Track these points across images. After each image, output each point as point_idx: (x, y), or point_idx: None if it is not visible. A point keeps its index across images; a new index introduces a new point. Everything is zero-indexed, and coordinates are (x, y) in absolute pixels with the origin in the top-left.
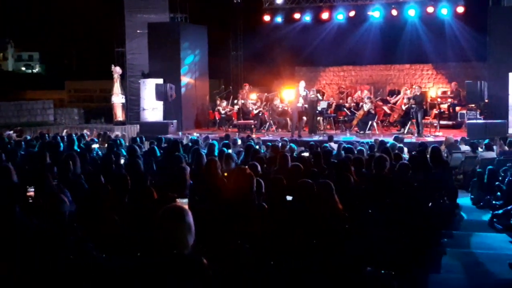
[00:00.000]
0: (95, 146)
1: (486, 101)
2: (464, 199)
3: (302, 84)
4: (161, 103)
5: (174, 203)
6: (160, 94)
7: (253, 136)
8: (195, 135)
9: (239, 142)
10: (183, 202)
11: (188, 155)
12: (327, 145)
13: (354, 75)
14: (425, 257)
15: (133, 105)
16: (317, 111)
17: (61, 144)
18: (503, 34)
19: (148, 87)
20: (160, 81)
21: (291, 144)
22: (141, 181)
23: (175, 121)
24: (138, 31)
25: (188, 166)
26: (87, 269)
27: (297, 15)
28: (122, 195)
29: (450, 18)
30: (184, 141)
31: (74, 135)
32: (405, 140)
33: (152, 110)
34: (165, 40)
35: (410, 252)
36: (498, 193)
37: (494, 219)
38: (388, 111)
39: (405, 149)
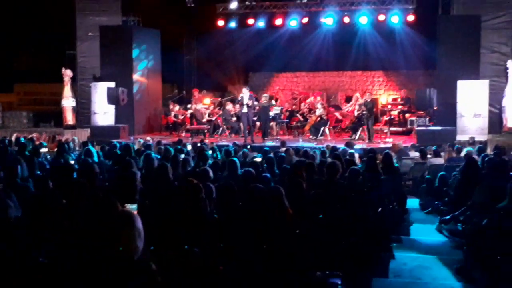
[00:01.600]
0: (44, 150)
1: (435, 108)
2: (413, 205)
3: (245, 91)
4: (112, 107)
5: (124, 208)
6: (112, 98)
7: (206, 141)
8: (148, 139)
9: (189, 147)
10: (133, 208)
11: (139, 160)
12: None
13: (307, 81)
14: (373, 261)
15: (84, 109)
16: (270, 117)
17: (9, 148)
18: (451, 42)
19: (100, 91)
20: (112, 84)
21: (244, 149)
22: (93, 185)
23: (126, 125)
24: (89, 34)
25: (138, 171)
26: (32, 273)
27: (250, 21)
28: (72, 199)
29: (401, 26)
30: (136, 146)
31: (22, 139)
32: (356, 146)
33: (104, 114)
34: (117, 44)
35: (358, 256)
36: (446, 199)
37: (442, 224)
38: (340, 117)
39: (356, 155)
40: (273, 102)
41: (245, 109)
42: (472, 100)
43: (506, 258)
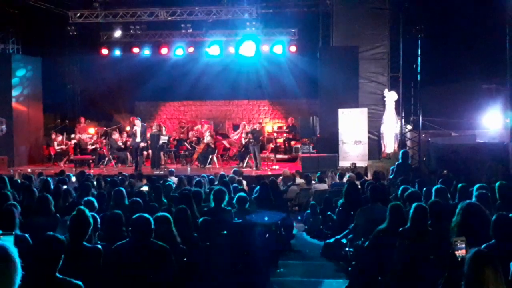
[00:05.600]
0: None
1: (318, 135)
2: (299, 229)
3: (138, 122)
4: None
5: None
6: None
7: (91, 171)
8: (28, 171)
9: (74, 179)
10: (9, 240)
11: (19, 192)
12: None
13: (195, 109)
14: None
15: None
16: (158, 146)
17: None
18: (332, 72)
19: None
20: None
21: (131, 179)
22: None
23: (5, 156)
24: None
25: (16, 203)
26: None
27: (136, 49)
28: None
29: (285, 56)
30: (16, 177)
31: None
32: (245, 174)
33: None
34: None
35: (248, 280)
36: (330, 223)
37: (326, 248)
38: (228, 146)
39: (244, 182)
40: (164, 131)
41: (138, 139)
42: (352, 128)
43: (386, 279)
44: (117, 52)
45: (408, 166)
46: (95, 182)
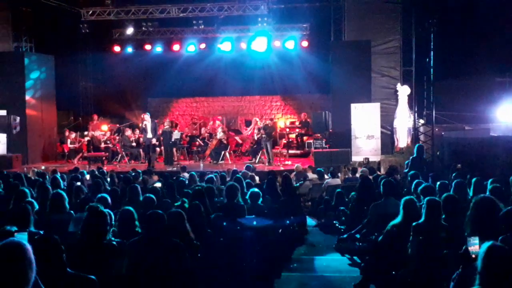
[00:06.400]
0: None
1: (331, 130)
2: (312, 225)
3: (147, 117)
4: (4, 135)
5: (13, 237)
6: (3, 126)
7: (105, 168)
8: (42, 168)
9: (87, 176)
10: (23, 238)
11: (34, 189)
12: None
13: (207, 106)
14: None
15: None
16: (171, 142)
17: None
18: (344, 67)
19: None
20: (3, 112)
21: (144, 175)
22: None
23: (20, 154)
24: None
25: (33, 200)
26: None
27: (148, 46)
28: None
29: (296, 52)
30: (30, 175)
31: None
32: (257, 170)
33: None
34: (9, 70)
35: (261, 277)
36: (343, 218)
37: (340, 243)
38: (240, 141)
39: (257, 178)
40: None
41: (149, 135)
42: (365, 122)
43: (400, 273)
44: (129, 49)
45: (423, 161)
46: (108, 179)
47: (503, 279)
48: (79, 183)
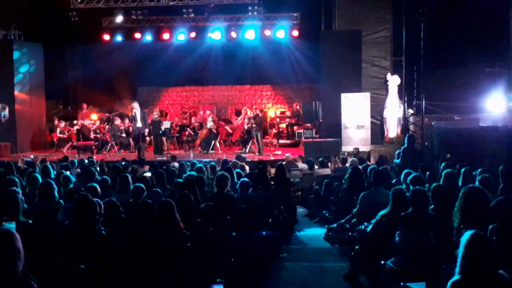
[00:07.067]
0: None
1: (321, 120)
2: (302, 214)
3: (136, 106)
4: None
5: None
6: None
7: (94, 157)
8: (31, 157)
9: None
10: (11, 227)
11: (23, 178)
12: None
13: (197, 95)
14: (264, 272)
15: None
16: (161, 131)
17: None
18: (334, 57)
19: None
20: None
21: (134, 165)
22: None
23: (8, 143)
24: None
25: (21, 189)
26: None
27: (137, 35)
28: None
29: (287, 41)
30: (19, 164)
31: None
32: (247, 159)
33: None
34: None
35: (250, 266)
36: (333, 208)
37: (329, 233)
38: (230, 131)
39: (247, 167)
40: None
41: (139, 124)
42: (355, 112)
43: (388, 263)
44: (119, 38)
45: (414, 150)
46: (98, 168)
47: (483, 267)
48: (68, 173)
